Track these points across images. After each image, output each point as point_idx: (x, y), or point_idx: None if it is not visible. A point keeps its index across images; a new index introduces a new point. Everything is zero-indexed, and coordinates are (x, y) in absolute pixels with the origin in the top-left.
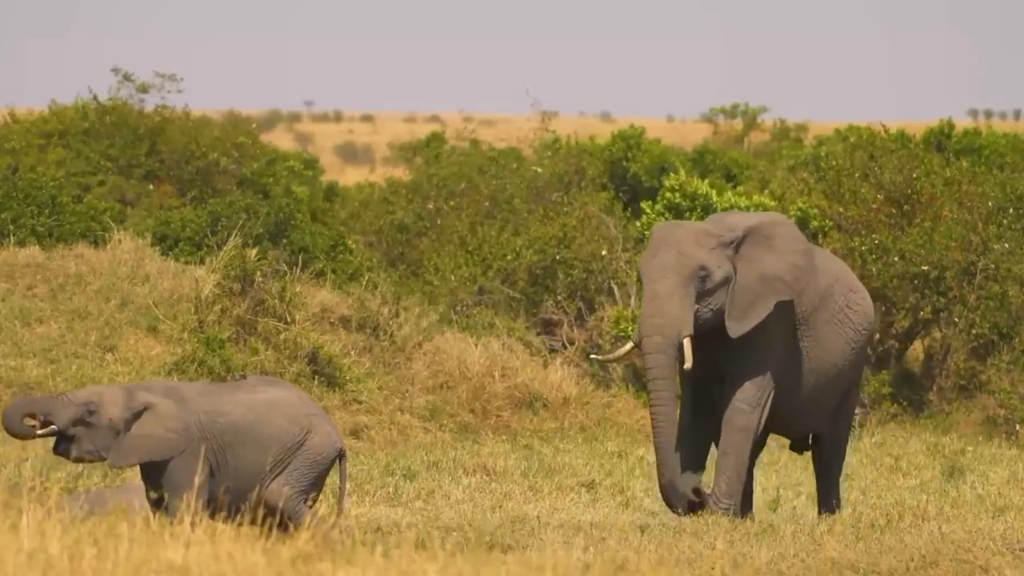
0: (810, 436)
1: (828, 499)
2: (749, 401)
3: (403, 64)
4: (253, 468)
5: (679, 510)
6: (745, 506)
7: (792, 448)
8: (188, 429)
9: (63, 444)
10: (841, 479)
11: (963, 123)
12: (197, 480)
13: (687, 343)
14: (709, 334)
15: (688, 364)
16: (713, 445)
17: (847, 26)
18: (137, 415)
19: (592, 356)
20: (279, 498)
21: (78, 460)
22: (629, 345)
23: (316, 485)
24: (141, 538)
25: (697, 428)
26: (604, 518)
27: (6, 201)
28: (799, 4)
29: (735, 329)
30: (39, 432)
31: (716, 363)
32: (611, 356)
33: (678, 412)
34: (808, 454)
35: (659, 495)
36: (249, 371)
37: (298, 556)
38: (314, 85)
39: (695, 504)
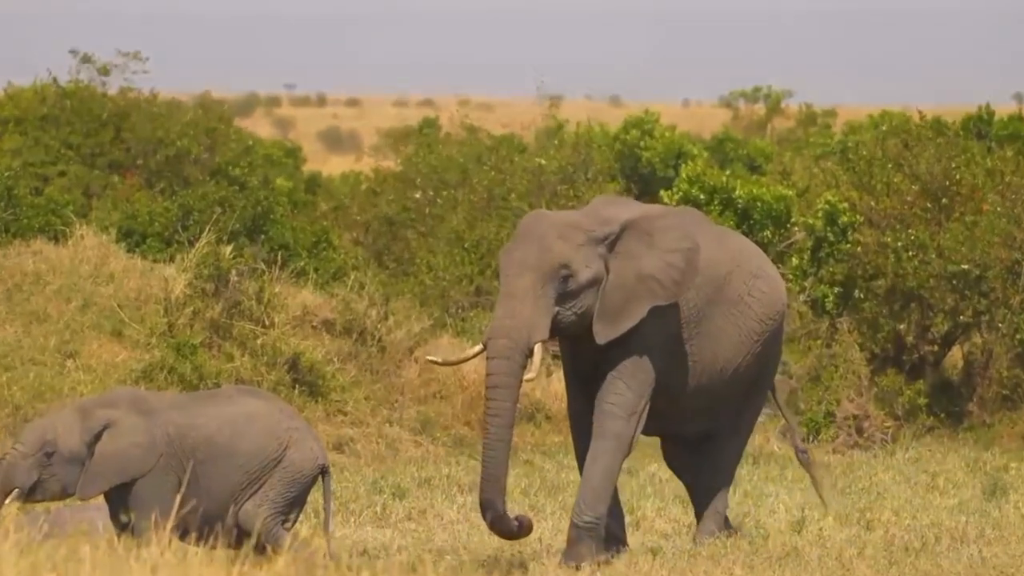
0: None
1: (702, 508)
2: (625, 407)
3: (392, 42)
4: (228, 486)
5: (494, 531)
6: (616, 528)
7: (669, 456)
8: (155, 444)
9: (31, 494)
10: (728, 494)
11: (1006, 108)
12: (174, 499)
13: (537, 350)
14: (584, 338)
15: (532, 375)
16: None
17: (878, 2)
18: (97, 436)
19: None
20: (255, 519)
21: (51, 500)
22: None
23: (296, 504)
24: (105, 562)
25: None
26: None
27: None
28: None
29: (603, 334)
30: (6, 502)
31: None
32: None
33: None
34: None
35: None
36: (223, 379)
37: None
38: (295, 66)
39: (512, 531)
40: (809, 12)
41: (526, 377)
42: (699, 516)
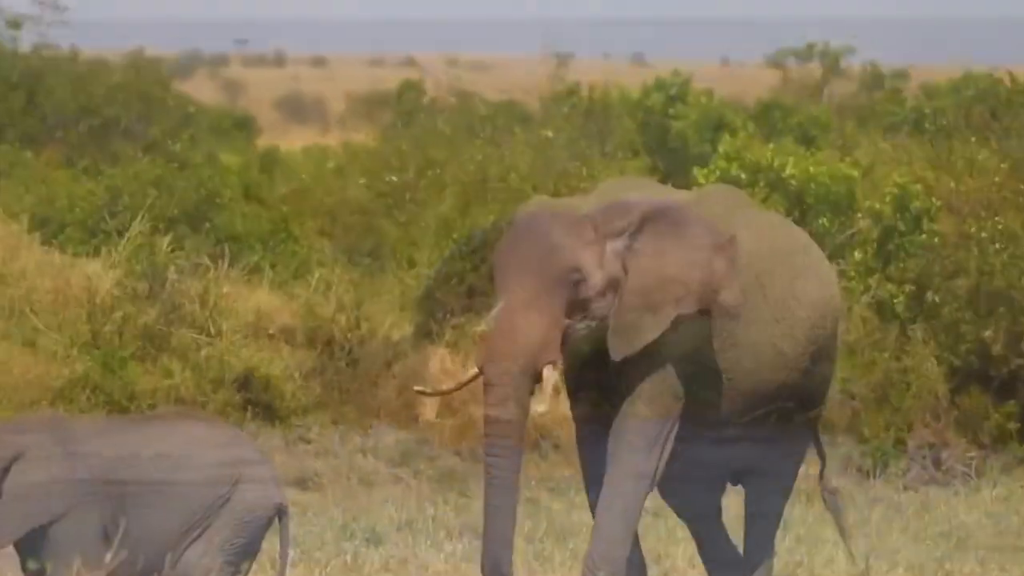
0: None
1: (727, 559)
2: (645, 436)
3: None
4: (165, 530)
5: None
6: None
7: (672, 488)
8: (76, 478)
9: None
10: (776, 539)
11: None
12: (99, 545)
13: (547, 374)
14: (599, 357)
15: (543, 408)
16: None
17: None
18: (5, 470)
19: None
20: (199, 570)
21: None
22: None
23: (247, 552)
24: None
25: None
26: None
27: None
28: None
29: (619, 349)
30: None
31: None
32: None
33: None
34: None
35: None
36: (160, 400)
37: None
38: (247, 18)
39: None
40: None
41: (536, 410)
42: (713, 569)
